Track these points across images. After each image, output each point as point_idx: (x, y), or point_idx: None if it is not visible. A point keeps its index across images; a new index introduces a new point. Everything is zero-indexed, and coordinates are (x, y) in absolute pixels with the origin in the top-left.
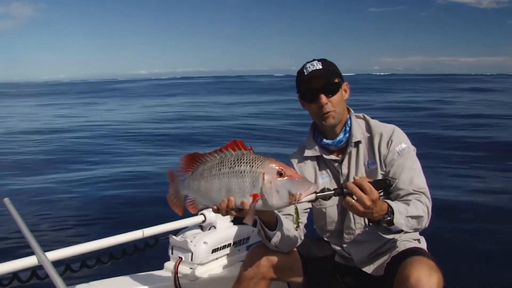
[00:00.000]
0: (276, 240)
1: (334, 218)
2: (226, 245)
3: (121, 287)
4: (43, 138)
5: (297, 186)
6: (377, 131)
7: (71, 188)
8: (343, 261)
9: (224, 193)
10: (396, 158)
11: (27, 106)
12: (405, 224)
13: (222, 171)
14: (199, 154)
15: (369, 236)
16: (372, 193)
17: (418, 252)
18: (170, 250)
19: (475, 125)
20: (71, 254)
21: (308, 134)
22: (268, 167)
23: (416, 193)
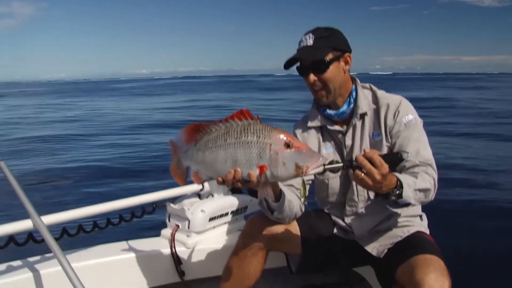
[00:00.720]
0: (279, 211)
1: (337, 189)
2: (223, 214)
3: (117, 253)
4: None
5: (305, 158)
6: (384, 102)
7: (69, 153)
8: (343, 234)
9: (230, 164)
10: (402, 130)
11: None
12: (413, 198)
13: (228, 141)
14: (203, 124)
15: (371, 209)
16: (382, 167)
17: (427, 247)
18: (167, 218)
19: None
20: (67, 218)
21: (312, 103)
22: (276, 138)
23: (423, 164)
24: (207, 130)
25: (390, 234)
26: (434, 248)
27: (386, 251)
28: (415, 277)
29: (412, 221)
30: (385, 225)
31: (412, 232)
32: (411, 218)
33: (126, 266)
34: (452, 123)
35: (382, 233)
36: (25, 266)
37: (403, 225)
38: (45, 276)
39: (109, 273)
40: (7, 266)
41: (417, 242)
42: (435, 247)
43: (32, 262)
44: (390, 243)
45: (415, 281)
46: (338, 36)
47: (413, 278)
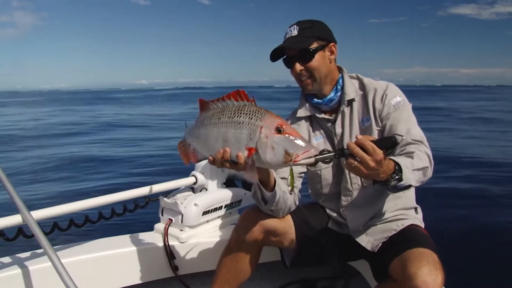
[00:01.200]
0: (273, 202)
1: (330, 180)
2: (217, 208)
3: (110, 248)
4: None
5: (295, 146)
6: (371, 87)
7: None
8: (337, 228)
9: (220, 143)
10: (391, 111)
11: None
12: (413, 179)
13: (221, 120)
14: (206, 101)
15: (366, 198)
16: (375, 153)
17: (421, 241)
18: (160, 212)
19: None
20: (58, 213)
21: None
22: (267, 121)
23: (415, 142)
24: (207, 107)
25: (385, 228)
26: (427, 242)
27: (380, 245)
28: (408, 271)
29: (407, 214)
30: (380, 218)
31: (407, 225)
32: (406, 210)
33: (118, 261)
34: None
35: (376, 226)
36: (15, 262)
37: (397, 218)
38: (34, 272)
39: (101, 268)
40: None
41: (411, 235)
42: (429, 240)
43: (22, 258)
44: (385, 237)
45: (408, 275)
46: (322, 26)
47: (406, 272)
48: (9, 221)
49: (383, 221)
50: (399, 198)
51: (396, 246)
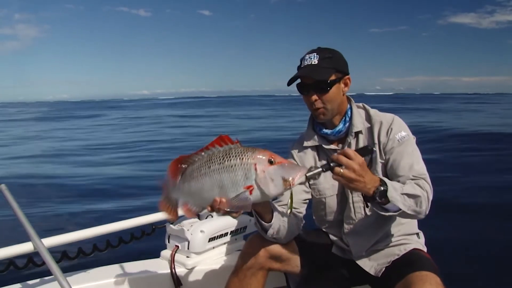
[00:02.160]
0: (273, 232)
1: (334, 207)
2: (223, 234)
3: (117, 275)
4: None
5: (289, 171)
6: (377, 119)
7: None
8: (340, 253)
9: (217, 190)
10: (396, 146)
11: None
12: (401, 202)
13: (212, 168)
14: (184, 156)
15: (369, 227)
16: (357, 157)
17: (424, 264)
18: (167, 239)
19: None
20: (68, 240)
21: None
22: (259, 157)
23: (416, 178)
24: (190, 160)
25: (388, 253)
26: (430, 265)
27: (383, 270)
28: None
29: (409, 239)
30: (383, 243)
31: (409, 249)
32: (408, 236)
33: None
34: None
35: (379, 251)
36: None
37: (400, 243)
38: None
39: None
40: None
41: (413, 259)
42: (431, 263)
43: (32, 285)
44: (388, 261)
45: None
46: (340, 58)
47: None
48: (20, 249)
49: (386, 246)
50: (401, 224)
51: (399, 270)
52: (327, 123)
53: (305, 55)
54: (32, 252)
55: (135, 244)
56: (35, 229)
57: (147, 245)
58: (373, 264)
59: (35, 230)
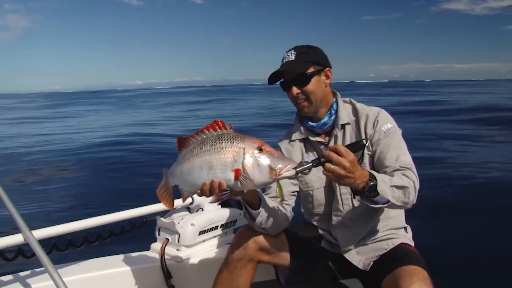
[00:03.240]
0: (261, 220)
1: (322, 200)
2: (213, 228)
3: (107, 267)
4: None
5: (277, 161)
6: (363, 112)
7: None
8: (329, 247)
9: (205, 171)
10: (382, 138)
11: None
12: (390, 194)
13: (203, 149)
14: (183, 137)
15: (357, 219)
16: (348, 154)
17: (411, 259)
18: (157, 231)
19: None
20: (58, 232)
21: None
22: (249, 143)
23: (402, 168)
24: (186, 143)
25: (376, 247)
26: (418, 259)
27: (372, 264)
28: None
29: (396, 234)
30: (370, 238)
31: (397, 244)
32: (395, 230)
33: (116, 280)
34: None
35: (367, 246)
36: (16, 281)
37: (388, 237)
38: None
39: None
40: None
41: (401, 253)
42: (419, 258)
43: (22, 277)
44: (376, 256)
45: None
46: (318, 52)
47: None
48: (10, 241)
49: (374, 241)
50: (389, 218)
51: (387, 265)
52: (313, 117)
53: (284, 54)
54: (22, 244)
55: (125, 237)
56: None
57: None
58: (361, 258)
59: (25, 221)
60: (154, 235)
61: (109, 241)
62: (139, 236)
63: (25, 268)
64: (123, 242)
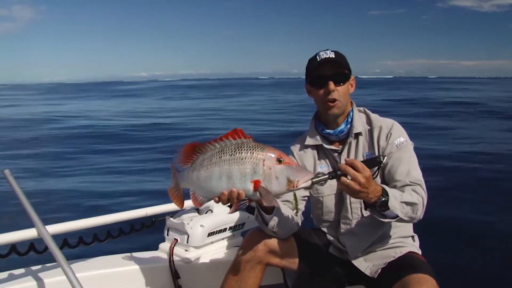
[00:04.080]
0: (273, 224)
1: (331, 208)
2: (222, 230)
3: (116, 265)
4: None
5: (295, 173)
6: (377, 124)
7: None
8: (337, 253)
9: (224, 180)
10: (394, 151)
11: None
12: (399, 210)
13: (222, 158)
14: (199, 144)
15: (365, 228)
16: (365, 171)
17: (420, 267)
18: (166, 232)
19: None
20: (71, 228)
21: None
22: (268, 154)
23: (413, 184)
24: (203, 149)
25: (383, 254)
26: (426, 268)
27: (379, 271)
28: None
29: (404, 242)
30: (378, 245)
31: (405, 252)
32: (403, 239)
33: (124, 279)
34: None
35: (375, 253)
36: (28, 274)
37: (395, 245)
38: (48, 285)
39: (107, 285)
40: (10, 274)
41: (409, 262)
42: (427, 266)
43: (35, 271)
44: (383, 263)
45: None
46: (348, 61)
47: None
48: (25, 235)
49: (382, 248)
50: (397, 227)
51: (395, 272)
52: (330, 123)
53: (318, 52)
54: (35, 239)
55: (134, 236)
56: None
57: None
58: (368, 265)
59: (39, 216)
60: (163, 235)
61: (119, 240)
62: (148, 235)
63: (36, 263)
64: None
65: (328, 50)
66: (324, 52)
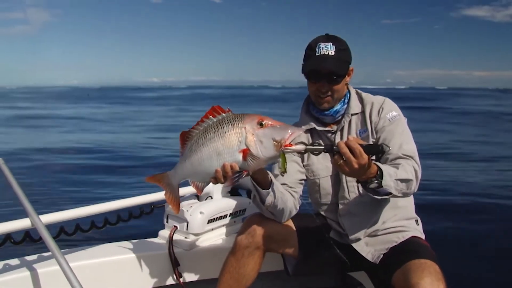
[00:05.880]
0: (271, 200)
1: (329, 189)
2: (222, 216)
3: (114, 253)
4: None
5: (280, 132)
6: (368, 101)
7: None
8: (338, 237)
9: (215, 158)
10: (387, 125)
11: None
12: (394, 187)
13: (207, 137)
14: (185, 131)
15: (364, 207)
16: (361, 158)
17: (422, 252)
18: (165, 219)
19: None
20: (66, 218)
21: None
22: (248, 120)
23: (405, 157)
24: (190, 136)
25: (385, 239)
26: (429, 253)
27: (381, 257)
28: (411, 281)
29: (407, 226)
30: (380, 229)
31: (408, 237)
32: (406, 221)
33: (123, 267)
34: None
35: (377, 237)
36: (23, 265)
37: (398, 230)
38: (43, 275)
39: (105, 274)
40: (4, 265)
41: (412, 247)
42: (430, 251)
43: (29, 261)
44: (386, 248)
45: (410, 285)
46: (349, 50)
47: (409, 283)
48: (18, 225)
49: (384, 232)
50: (398, 208)
51: (398, 257)
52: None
53: (318, 42)
54: (30, 228)
55: (133, 223)
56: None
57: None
58: (370, 249)
59: (33, 206)
60: (162, 222)
61: (117, 227)
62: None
63: (33, 252)
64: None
65: (329, 44)
66: (325, 46)
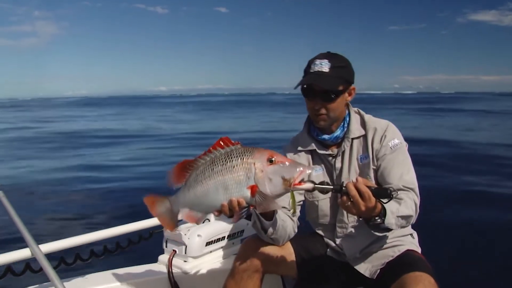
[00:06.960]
0: (272, 231)
1: (327, 211)
2: (220, 238)
3: (115, 280)
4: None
5: (289, 170)
6: (371, 126)
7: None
8: (335, 255)
9: (222, 192)
10: (388, 153)
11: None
12: (395, 224)
13: (215, 170)
14: (189, 160)
15: (361, 231)
16: (369, 201)
17: (417, 265)
18: (164, 243)
19: None
20: (65, 246)
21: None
22: (258, 156)
23: (405, 189)
24: (194, 165)
25: (382, 254)
26: (424, 265)
27: (378, 272)
28: None
29: (403, 240)
30: (376, 245)
31: (403, 251)
32: (402, 237)
33: None
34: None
35: (373, 253)
36: None
37: (393, 244)
38: None
39: None
40: None
41: (407, 260)
42: (425, 264)
43: None
44: (382, 263)
45: None
46: (350, 68)
47: None
48: (18, 255)
49: (380, 248)
50: None
51: (393, 272)
52: (325, 128)
53: (314, 58)
54: (30, 258)
55: (133, 249)
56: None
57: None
58: (367, 266)
59: (32, 235)
60: (162, 247)
61: (116, 254)
62: (146, 248)
63: (34, 283)
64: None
65: (325, 61)
66: (320, 62)
